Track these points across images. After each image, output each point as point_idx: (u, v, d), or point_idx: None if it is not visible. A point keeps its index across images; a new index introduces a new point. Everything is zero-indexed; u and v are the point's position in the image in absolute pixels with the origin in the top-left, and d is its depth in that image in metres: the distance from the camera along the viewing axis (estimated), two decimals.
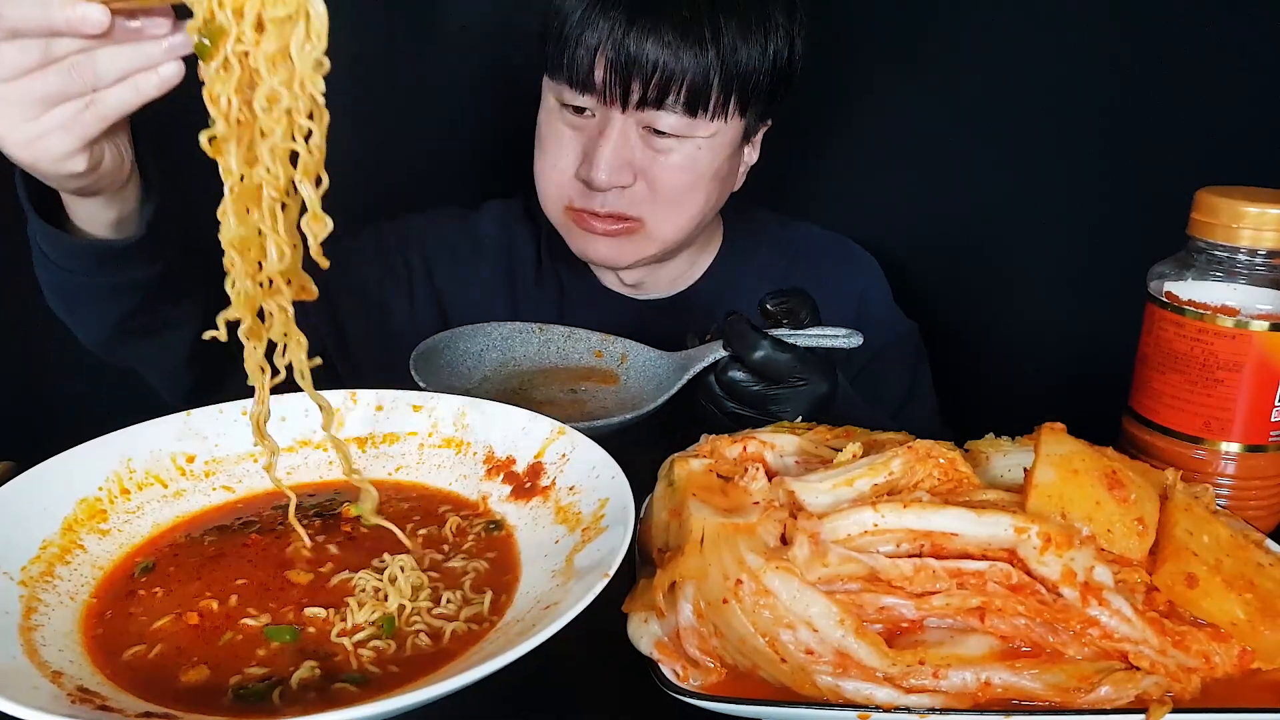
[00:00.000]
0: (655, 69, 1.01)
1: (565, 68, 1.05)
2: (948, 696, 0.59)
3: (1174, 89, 1.20)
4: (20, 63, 0.68)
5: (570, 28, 1.03)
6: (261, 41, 0.62)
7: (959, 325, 1.44)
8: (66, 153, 0.73)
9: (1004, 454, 0.76)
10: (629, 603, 0.66)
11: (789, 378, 0.90)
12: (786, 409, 0.91)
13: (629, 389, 1.00)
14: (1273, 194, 0.83)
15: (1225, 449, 0.85)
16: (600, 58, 1.02)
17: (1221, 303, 0.83)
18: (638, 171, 1.08)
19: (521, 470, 0.82)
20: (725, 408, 0.93)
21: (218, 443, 0.84)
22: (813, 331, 0.92)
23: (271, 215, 0.67)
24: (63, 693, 0.57)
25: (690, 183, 1.09)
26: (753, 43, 1.03)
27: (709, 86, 1.03)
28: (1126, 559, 0.66)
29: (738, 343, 0.91)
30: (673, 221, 1.12)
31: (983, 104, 1.34)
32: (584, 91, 1.05)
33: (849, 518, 0.64)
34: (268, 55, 0.62)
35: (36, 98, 0.69)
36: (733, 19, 1.02)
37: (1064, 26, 1.27)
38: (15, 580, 0.66)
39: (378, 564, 0.72)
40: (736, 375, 0.91)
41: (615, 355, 1.04)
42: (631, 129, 1.06)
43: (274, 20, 0.61)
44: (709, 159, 1.09)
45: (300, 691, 0.60)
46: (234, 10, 0.62)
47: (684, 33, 1.00)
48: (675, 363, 0.97)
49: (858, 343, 0.92)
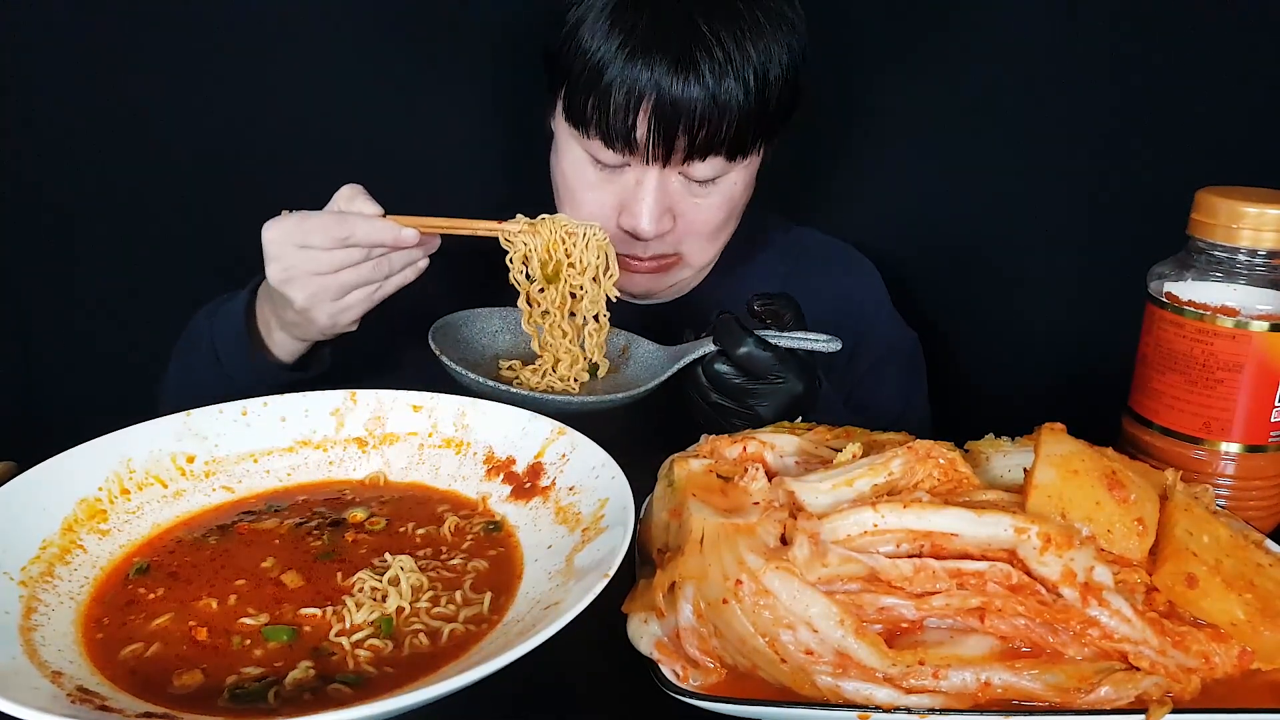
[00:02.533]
0: (701, 120, 0.99)
1: (600, 122, 1.01)
2: (948, 697, 0.59)
3: (1174, 89, 1.20)
4: (345, 261, 0.92)
5: (607, 80, 0.99)
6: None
7: (959, 325, 1.44)
8: (354, 320, 0.97)
9: (1004, 454, 0.76)
10: (629, 603, 0.66)
11: (769, 375, 0.94)
12: (764, 403, 0.94)
13: (626, 375, 1.06)
14: (1273, 194, 0.83)
15: (1225, 449, 0.85)
16: (643, 114, 1.00)
17: (1221, 303, 0.83)
18: (677, 215, 1.08)
19: (521, 470, 0.82)
20: (709, 398, 0.97)
21: (218, 443, 0.84)
22: (796, 334, 0.96)
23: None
24: (63, 693, 0.57)
25: (727, 215, 1.11)
26: (775, 60, 1.02)
27: (748, 127, 1.02)
28: (1126, 559, 0.66)
29: (725, 338, 0.95)
30: (710, 250, 1.15)
31: (983, 105, 1.34)
32: (623, 148, 1.03)
33: (849, 518, 0.64)
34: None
35: (348, 284, 0.93)
36: (760, 41, 1.00)
37: (1064, 29, 1.27)
38: (15, 580, 0.66)
39: (378, 564, 0.72)
40: (721, 368, 0.95)
41: (617, 346, 1.09)
42: (670, 177, 1.06)
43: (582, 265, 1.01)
44: (742, 189, 1.11)
45: (295, 692, 0.60)
46: (556, 267, 1.00)
47: (721, 72, 0.98)
48: (670, 354, 1.03)
49: (836, 348, 0.96)
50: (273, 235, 0.93)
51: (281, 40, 1.34)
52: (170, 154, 1.37)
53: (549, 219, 1.00)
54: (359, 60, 1.37)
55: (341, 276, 0.93)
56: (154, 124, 1.35)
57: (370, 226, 0.92)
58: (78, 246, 1.39)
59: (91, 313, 1.42)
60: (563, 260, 1.00)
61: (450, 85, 1.40)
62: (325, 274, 0.92)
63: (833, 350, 0.96)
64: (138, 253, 1.40)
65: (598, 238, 1.00)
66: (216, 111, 1.35)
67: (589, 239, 1.00)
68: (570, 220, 1.00)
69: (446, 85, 1.40)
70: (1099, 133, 1.27)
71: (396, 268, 0.95)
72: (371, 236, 0.92)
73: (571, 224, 1.00)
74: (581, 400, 0.96)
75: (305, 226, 0.91)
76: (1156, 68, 1.21)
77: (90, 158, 1.35)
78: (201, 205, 1.39)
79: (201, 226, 1.41)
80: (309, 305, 0.93)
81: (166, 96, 1.34)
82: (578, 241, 1.00)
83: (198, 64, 1.33)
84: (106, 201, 1.38)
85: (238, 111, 1.36)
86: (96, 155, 1.35)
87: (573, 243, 1.00)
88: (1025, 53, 1.30)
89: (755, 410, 0.94)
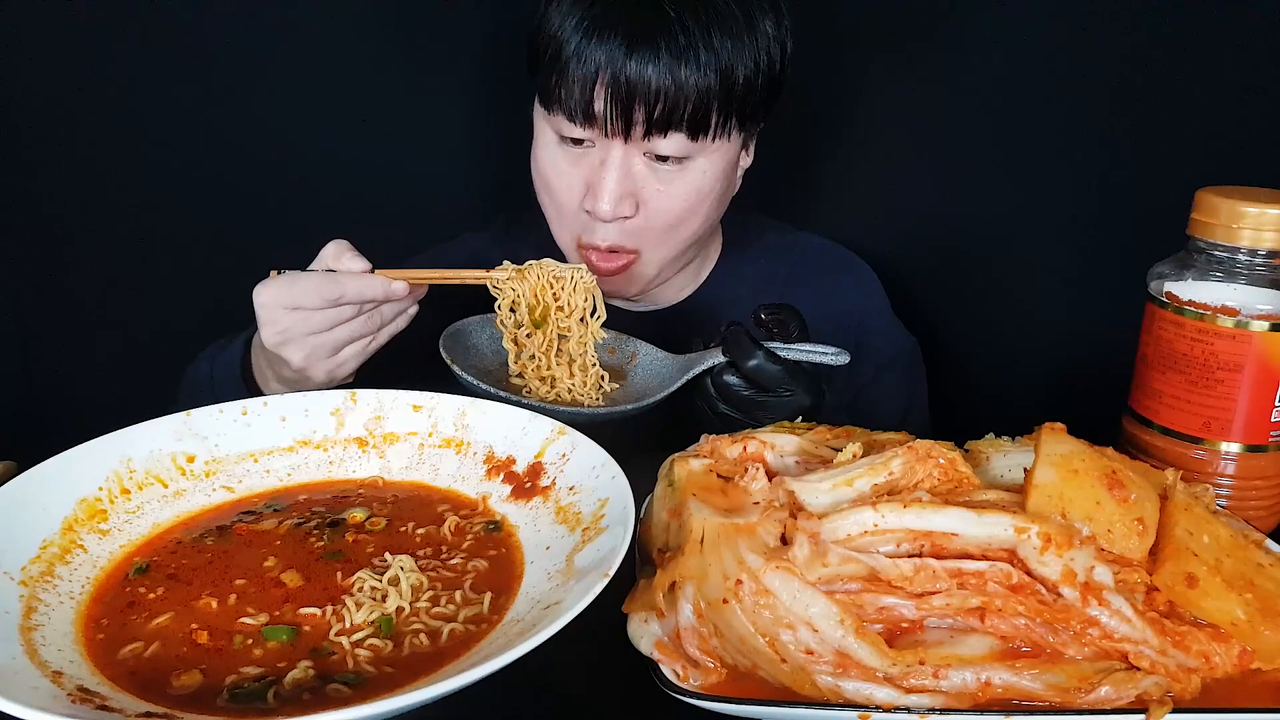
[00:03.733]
0: (657, 96, 0.99)
1: (562, 99, 1.02)
2: (948, 696, 0.59)
3: (1174, 89, 1.20)
4: (337, 318, 0.94)
5: (566, 57, 1.00)
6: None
7: (959, 325, 1.44)
8: (351, 373, 0.99)
9: (1004, 454, 0.76)
10: (629, 603, 0.66)
11: (777, 388, 0.95)
12: (771, 416, 0.94)
13: (635, 384, 1.06)
14: (1273, 194, 0.83)
15: (1225, 449, 0.85)
16: (600, 88, 1.00)
17: (1221, 303, 0.83)
18: (640, 202, 1.07)
19: (521, 470, 0.82)
20: (717, 408, 0.97)
21: (218, 443, 0.84)
22: (805, 347, 0.97)
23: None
24: (63, 693, 0.57)
25: (691, 207, 1.09)
26: (747, 57, 1.02)
27: (710, 109, 1.02)
28: (1126, 559, 0.66)
29: (735, 350, 0.95)
30: (667, 246, 1.12)
31: (982, 105, 1.34)
32: (584, 124, 1.03)
33: (849, 518, 0.64)
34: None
35: (342, 340, 0.96)
36: (726, 38, 1.00)
37: (1063, 27, 1.27)
38: (15, 580, 0.66)
39: (378, 564, 0.72)
40: (730, 380, 0.96)
41: (626, 353, 1.09)
42: (634, 158, 1.05)
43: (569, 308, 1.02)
44: (711, 180, 1.08)
45: (294, 692, 0.60)
46: (544, 311, 1.02)
47: (682, 56, 0.99)
48: (679, 364, 1.03)
49: (844, 361, 0.97)
50: (264, 299, 0.93)
51: (274, 44, 1.35)
52: (166, 154, 1.37)
53: (535, 264, 1.02)
54: (351, 61, 1.37)
55: (335, 334, 0.95)
56: (152, 124, 1.35)
57: (361, 283, 0.93)
58: (77, 246, 1.39)
59: (91, 313, 1.42)
60: (550, 304, 1.01)
61: (440, 84, 1.41)
62: (319, 333, 0.94)
63: (841, 364, 0.96)
64: (137, 252, 1.41)
65: (585, 280, 1.02)
66: (211, 111, 1.36)
67: (576, 282, 1.02)
68: (557, 264, 1.02)
69: (436, 86, 1.41)
70: (1099, 133, 1.27)
71: (388, 319, 0.98)
72: (363, 293, 0.94)
73: (559, 268, 1.01)
74: (592, 411, 0.96)
75: (296, 289, 0.92)
76: (1156, 67, 1.21)
77: (89, 158, 1.35)
78: (200, 204, 1.40)
79: (201, 226, 1.41)
80: (306, 364, 0.95)
81: (163, 96, 1.34)
82: (565, 285, 1.01)
83: (188, 64, 1.33)
84: (106, 202, 1.38)
85: (230, 111, 1.36)
86: (95, 156, 1.36)
87: (560, 286, 1.01)
88: (1025, 52, 1.30)
89: (763, 423, 0.93)
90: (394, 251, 1.08)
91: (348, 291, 0.93)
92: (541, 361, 1.02)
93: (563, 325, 1.02)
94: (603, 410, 0.96)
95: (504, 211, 1.34)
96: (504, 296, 1.02)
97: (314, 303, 0.92)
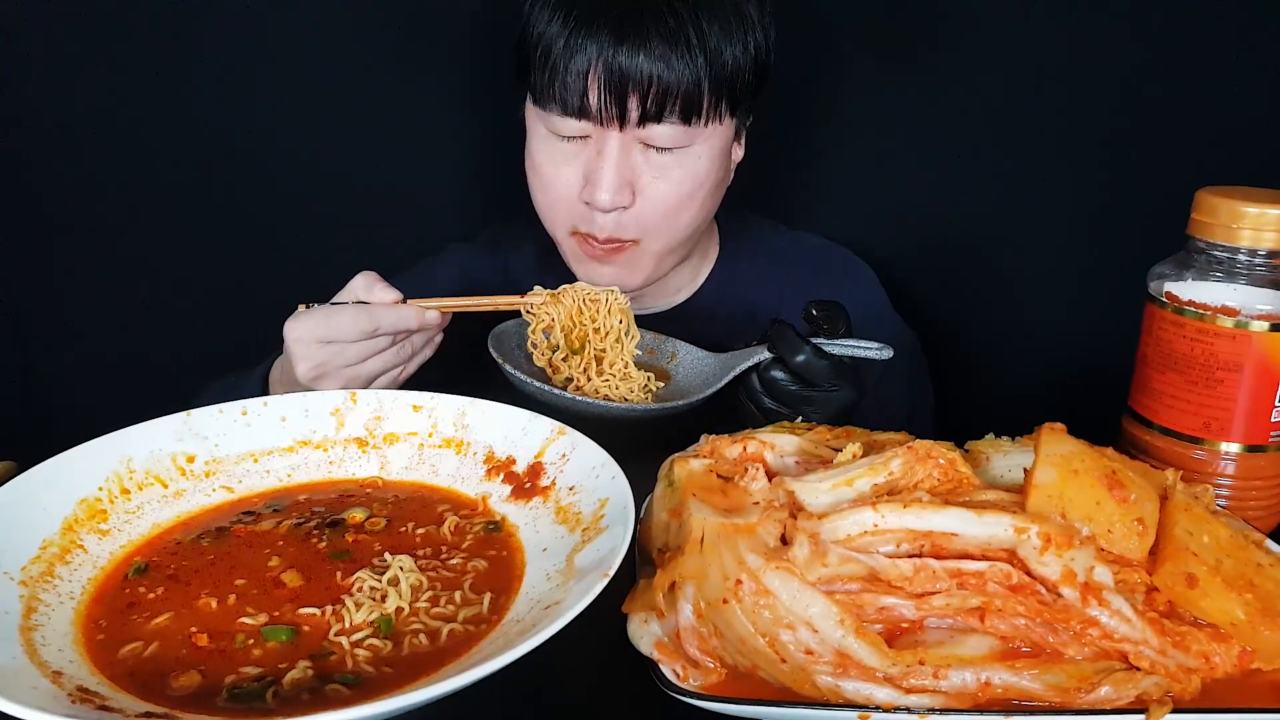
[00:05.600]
0: (650, 83, 1.00)
1: (556, 95, 1.02)
2: (948, 697, 0.59)
3: (1174, 89, 1.20)
4: (372, 350, 0.95)
5: (556, 53, 1.01)
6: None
7: (959, 325, 1.44)
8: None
9: (1004, 454, 0.76)
10: (629, 603, 0.66)
11: (824, 383, 0.95)
12: (817, 411, 0.95)
13: (679, 383, 1.08)
14: (1273, 194, 0.83)
15: (1225, 449, 0.85)
16: (593, 80, 1.01)
17: (1221, 303, 0.83)
18: (637, 191, 1.07)
19: (521, 470, 0.82)
20: (763, 404, 0.98)
21: (218, 443, 0.84)
22: (848, 342, 0.97)
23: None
24: (63, 693, 0.57)
25: (689, 194, 1.09)
26: (735, 43, 1.04)
27: (702, 93, 1.03)
28: (1126, 559, 0.66)
29: (782, 345, 0.96)
30: (666, 234, 1.12)
31: (981, 104, 1.34)
32: (579, 117, 1.04)
33: (849, 518, 0.64)
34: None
35: (376, 372, 0.97)
36: (715, 23, 1.02)
37: (1063, 27, 1.27)
38: (15, 580, 0.66)
39: (378, 564, 0.72)
40: (777, 375, 0.97)
41: (666, 353, 1.11)
42: (631, 147, 1.05)
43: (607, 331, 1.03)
44: (707, 167, 1.09)
45: (294, 692, 0.60)
46: (580, 335, 1.03)
47: (672, 42, 1.00)
48: (721, 361, 1.05)
49: (888, 355, 0.97)
50: (298, 334, 0.94)
51: (271, 45, 1.35)
52: (164, 156, 1.37)
53: (569, 288, 1.03)
54: (347, 64, 1.38)
55: (369, 365, 0.96)
56: (150, 124, 1.35)
57: (396, 315, 0.95)
58: (77, 247, 1.39)
59: (91, 313, 1.42)
60: (587, 327, 1.02)
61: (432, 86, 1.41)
62: (354, 365, 0.95)
63: (885, 358, 0.97)
64: (137, 252, 1.41)
65: (619, 301, 1.03)
66: (208, 110, 1.36)
67: (610, 304, 1.03)
68: (590, 287, 1.03)
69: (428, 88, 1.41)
70: (1099, 132, 1.27)
71: (418, 348, 1.00)
72: (398, 325, 0.96)
73: (593, 291, 1.03)
74: (645, 408, 0.97)
75: (332, 323, 0.94)
76: (1157, 67, 1.21)
77: (89, 159, 1.36)
78: (199, 204, 1.40)
79: (200, 225, 1.41)
80: None
81: (159, 96, 1.34)
82: (600, 308, 1.03)
83: (185, 66, 1.34)
84: (105, 202, 1.38)
85: (228, 111, 1.37)
86: (95, 156, 1.36)
87: (595, 309, 1.03)
88: (1025, 52, 1.30)
89: (810, 417, 0.95)
90: (383, 254, 1.09)
91: (383, 323, 0.94)
92: (579, 381, 1.03)
93: (598, 348, 1.03)
94: (655, 407, 0.97)
95: (489, 223, 1.34)
96: (538, 321, 1.03)
97: (350, 335, 0.93)
